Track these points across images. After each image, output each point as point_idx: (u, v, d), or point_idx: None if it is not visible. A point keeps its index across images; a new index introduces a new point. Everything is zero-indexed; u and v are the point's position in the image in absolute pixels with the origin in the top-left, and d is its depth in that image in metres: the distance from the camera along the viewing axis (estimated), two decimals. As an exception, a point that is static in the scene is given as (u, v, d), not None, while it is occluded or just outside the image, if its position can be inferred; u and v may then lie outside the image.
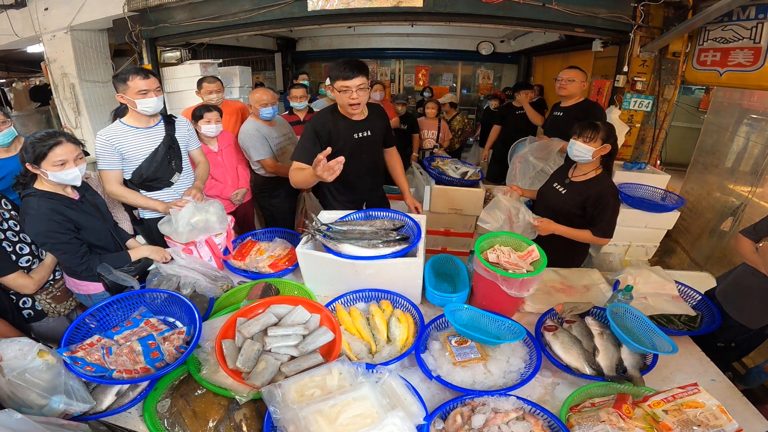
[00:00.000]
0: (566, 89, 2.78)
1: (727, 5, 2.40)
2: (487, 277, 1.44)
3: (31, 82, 7.74)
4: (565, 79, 2.78)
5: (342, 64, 1.78)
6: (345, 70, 1.76)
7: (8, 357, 1.10)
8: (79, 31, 3.96)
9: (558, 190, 2.03)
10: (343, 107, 1.90)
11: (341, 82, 1.78)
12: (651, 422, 1.06)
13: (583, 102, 2.81)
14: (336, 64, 1.81)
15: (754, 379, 1.90)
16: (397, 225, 1.74)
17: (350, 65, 1.77)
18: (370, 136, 2.02)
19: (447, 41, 7.00)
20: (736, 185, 3.20)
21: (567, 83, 2.77)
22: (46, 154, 1.45)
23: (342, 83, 1.78)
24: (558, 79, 2.82)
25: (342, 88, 1.79)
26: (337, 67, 1.79)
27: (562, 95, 2.83)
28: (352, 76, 1.76)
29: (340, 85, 1.79)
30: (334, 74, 1.80)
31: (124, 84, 1.80)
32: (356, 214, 1.83)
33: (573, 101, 2.81)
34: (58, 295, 1.75)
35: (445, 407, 1.16)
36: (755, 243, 1.59)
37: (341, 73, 1.76)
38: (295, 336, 1.29)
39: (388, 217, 1.81)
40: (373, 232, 1.67)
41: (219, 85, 2.91)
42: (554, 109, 3.01)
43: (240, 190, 2.68)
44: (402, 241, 1.63)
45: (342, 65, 1.78)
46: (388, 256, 1.56)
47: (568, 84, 2.76)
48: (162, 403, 1.19)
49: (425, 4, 3.06)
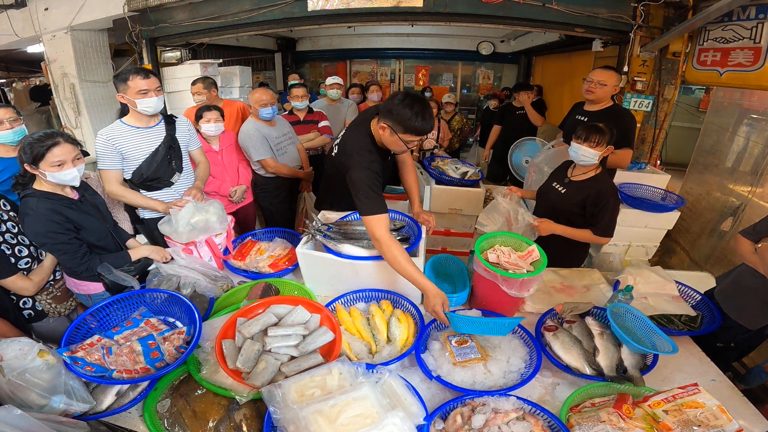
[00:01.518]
0: (594, 93, 2.39)
1: (727, 5, 2.40)
2: (487, 277, 1.45)
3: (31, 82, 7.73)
4: (595, 81, 2.37)
5: (419, 114, 1.48)
6: (424, 123, 1.50)
7: (8, 357, 1.10)
8: (79, 31, 3.96)
9: (558, 189, 2.04)
10: (390, 147, 1.65)
11: (412, 137, 1.54)
12: (651, 422, 1.06)
13: (611, 108, 2.43)
14: (409, 108, 1.48)
15: (754, 379, 1.90)
16: (398, 225, 1.74)
17: (429, 116, 1.50)
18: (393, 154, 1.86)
19: (447, 41, 7.00)
20: (736, 185, 3.20)
21: (597, 87, 2.37)
22: (43, 154, 1.45)
23: (412, 138, 1.54)
24: (587, 80, 2.42)
25: (410, 141, 1.56)
26: (413, 117, 1.48)
27: (589, 99, 2.46)
28: (428, 130, 1.54)
29: (408, 138, 1.54)
30: (407, 124, 1.49)
31: (124, 84, 1.80)
32: (356, 214, 1.82)
33: (600, 106, 2.44)
34: (59, 295, 1.75)
35: (445, 407, 1.16)
36: (755, 243, 1.59)
37: (419, 127, 1.50)
38: (295, 336, 1.29)
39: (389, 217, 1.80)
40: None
41: (200, 87, 3.01)
42: (576, 111, 2.63)
43: (239, 187, 2.68)
44: (402, 241, 1.63)
45: (420, 115, 1.48)
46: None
47: (598, 88, 2.37)
48: (162, 403, 1.19)
49: (425, 4, 3.06)
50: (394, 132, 1.53)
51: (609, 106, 2.44)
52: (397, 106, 1.50)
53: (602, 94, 2.39)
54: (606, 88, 2.36)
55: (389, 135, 1.56)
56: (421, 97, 1.55)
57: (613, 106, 2.45)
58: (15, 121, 1.89)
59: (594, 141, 1.81)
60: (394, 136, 1.54)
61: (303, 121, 3.25)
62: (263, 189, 2.85)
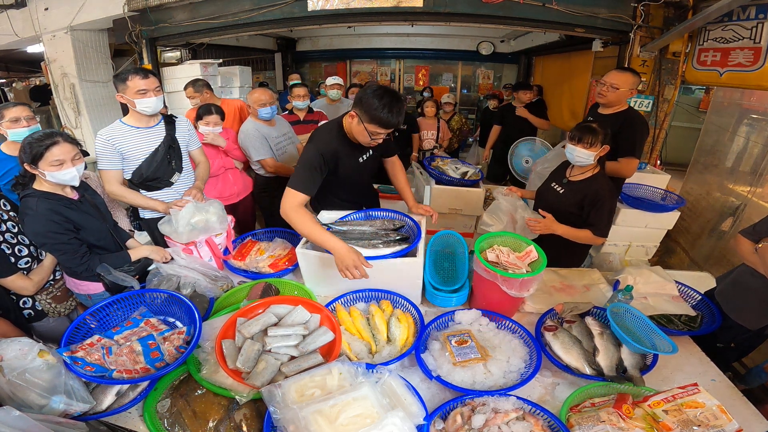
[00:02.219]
0: (605, 97, 2.24)
1: (727, 5, 2.40)
2: (487, 277, 1.44)
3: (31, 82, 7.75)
4: (608, 84, 2.20)
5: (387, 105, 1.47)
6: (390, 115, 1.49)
7: (8, 357, 1.11)
8: (79, 31, 3.96)
9: (556, 190, 2.04)
10: (357, 138, 1.65)
11: (377, 128, 1.53)
12: (651, 422, 1.05)
13: (624, 112, 2.27)
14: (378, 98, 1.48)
15: (754, 379, 1.90)
16: (397, 225, 1.74)
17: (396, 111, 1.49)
18: (372, 155, 1.87)
19: (447, 41, 7.00)
20: (736, 185, 3.20)
21: (609, 90, 2.20)
22: (42, 154, 1.45)
23: (377, 129, 1.53)
24: (600, 82, 2.28)
25: (375, 132, 1.55)
26: (380, 107, 1.47)
27: (600, 102, 2.34)
28: (394, 124, 1.53)
29: (373, 129, 1.53)
30: (372, 113, 1.49)
31: (123, 83, 1.80)
32: (356, 214, 1.83)
33: (613, 109, 2.29)
34: (59, 295, 1.75)
35: (445, 407, 1.16)
36: (755, 244, 1.59)
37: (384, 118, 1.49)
38: (295, 336, 1.29)
39: (388, 217, 1.81)
40: (373, 233, 1.67)
41: (191, 91, 3.05)
42: (591, 113, 2.50)
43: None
44: (402, 241, 1.63)
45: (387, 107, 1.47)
46: (388, 256, 1.56)
47: (610, 91, 2.20)
48: (162, 403, 1.19)
49: (425, 4, 3.06)
50: (360, 121, 1.54)
51: (622, 111, 2.27)
52: (368, 95, 1.50)
53: (614, 98, 2.23)
54: (619, 91, 2.20)
55: (356, 124, 1.56)
56: (395, 92, 1.55)
57: (626, 111, 2.27)
58: (31, 120, 1.90)
59: (587, 142, 1.80)
60: (360, 126, 1.55)
61: (303, 120, 3.25)
62: (263, 189, 2.85)
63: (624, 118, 2.24)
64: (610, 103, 2.28)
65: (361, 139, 1.63)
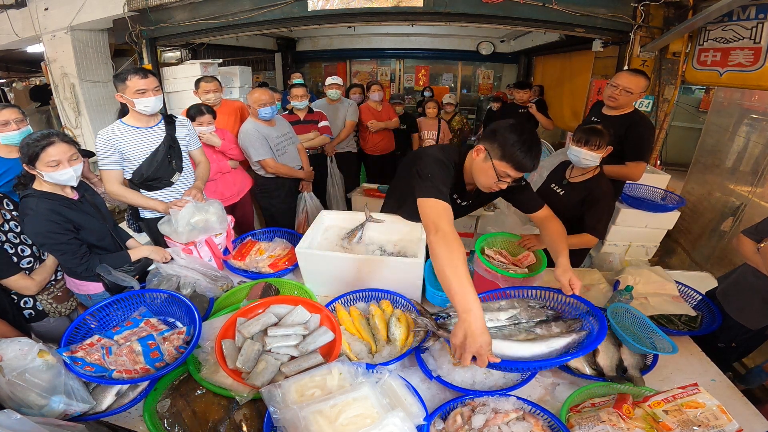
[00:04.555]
0: (617, 101, 2.18)
1: (727, 5, 2.40)
2: (488, 277, 1.44)
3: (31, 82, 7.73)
4: (621, 87, 2.14)
5: (527, 143, 1.29)
6: (526, 156, 1.29)
7: (8, 357, 1.10)
8: (79, 31, 3.96)
9: (556, 191, 2.03)
10: (477, 178, 1.43)
11: (509, 169, 1.32)
12: (651, 422, 1.05)
13: (630, 114, 2.24)
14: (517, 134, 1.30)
15: (754, 379, 1.90)
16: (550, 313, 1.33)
17: (535, 154, 1.31)
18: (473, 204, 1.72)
19: (447, 41, 7.00)
20: (737, 185, 3.20)
21: (622, 94, 2.15)
22: (38, 154, 1.45)
23: (508, 169, 1.33)
24: (612, 85, 2.20)
25: (504, 173, 1.34)
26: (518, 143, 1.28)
27: (610, 105, 2.27)
28: (528, 168, 1.33)
29: (503, 169, 1.33)
30: (508, 150, 1.29)
31: (123, 83, 1.80)
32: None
33: (620, 111, 2.26)
34: (60, 295, 1.75)
35: (445, 407, 1.16)
36: (757, 243, 1.59)
37: (519, 157, 1.29)
38: (295, 336, 1.29)
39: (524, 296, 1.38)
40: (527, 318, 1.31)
41: (216, 84, 2.88)
42: (594, 112, 2.47)
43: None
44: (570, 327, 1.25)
45: (527, 144, 1.29)
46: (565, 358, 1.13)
47: (623, 95, 2.15)
48: (162, 403, 1.19)
49: (425, 4, 3.06)
50: (489, 157, 1.33)
51: (628, 113, 2.25)
52: (504, 128, 1.32)
53: (626, 102, 2.19)
54: (631, 96, 2.16)
55: (482, 160, 1.35)
56: (536, 134, 1.37)
57: (632, 113, 2.24)
58: (21, 122, 1.90)
59: (595, 144, 1.78)
60: (487, 162, 1.34)
61: (303, 120, 3.25)
62: (263, 189, 2.85)
63: (630, 121, 2.20)
64: (620, 106, 2.24)
65: (482, 180, 1.40)
